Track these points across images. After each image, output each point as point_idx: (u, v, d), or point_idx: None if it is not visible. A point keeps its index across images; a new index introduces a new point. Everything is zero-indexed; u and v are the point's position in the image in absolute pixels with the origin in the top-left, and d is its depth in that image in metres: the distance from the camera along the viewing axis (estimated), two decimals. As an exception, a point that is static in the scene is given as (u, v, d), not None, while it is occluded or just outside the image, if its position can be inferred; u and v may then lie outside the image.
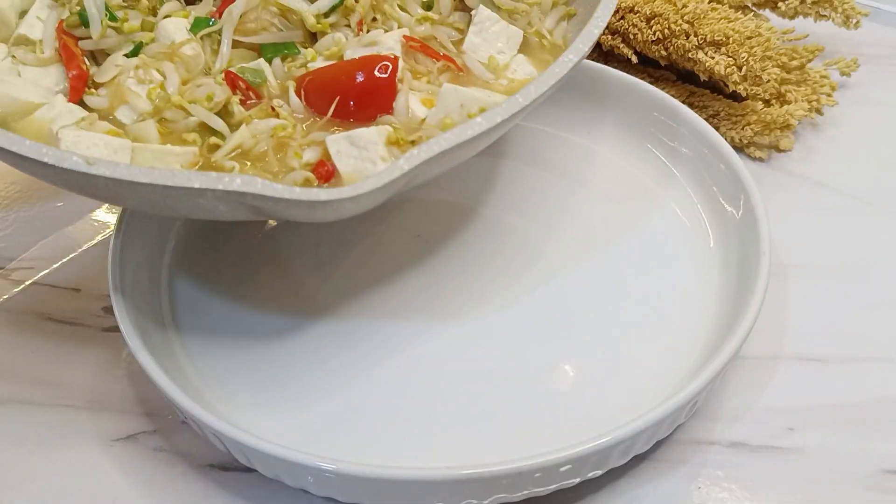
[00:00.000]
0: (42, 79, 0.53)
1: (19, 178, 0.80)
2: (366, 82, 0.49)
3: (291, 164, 0.48)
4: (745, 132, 0.76)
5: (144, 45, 0.54)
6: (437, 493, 0.47)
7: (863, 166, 0.76)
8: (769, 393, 0.58)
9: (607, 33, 0.85)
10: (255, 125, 0.48)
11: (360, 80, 0.49)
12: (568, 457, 0.46)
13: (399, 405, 0.55)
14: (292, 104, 0.51)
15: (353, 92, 0.49)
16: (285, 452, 0.46)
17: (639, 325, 0.59)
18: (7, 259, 0.71)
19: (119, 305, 0.55)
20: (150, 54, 0.53)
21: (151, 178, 0.42)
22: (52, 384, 0.60)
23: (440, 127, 0.49)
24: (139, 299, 0.57)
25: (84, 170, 0.42)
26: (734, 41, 0.75)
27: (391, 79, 0.50)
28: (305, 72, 0.53)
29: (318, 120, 0.50)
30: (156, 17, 0.55)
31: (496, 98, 0.51)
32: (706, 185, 0.67)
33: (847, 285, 0.65)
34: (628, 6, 0.81)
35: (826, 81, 0.81)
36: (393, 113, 0.49)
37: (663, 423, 0.49)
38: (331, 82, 0.50)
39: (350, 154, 0.47)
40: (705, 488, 0.53)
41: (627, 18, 0.81)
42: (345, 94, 0.49)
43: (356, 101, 0.49)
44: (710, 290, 0.60)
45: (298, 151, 0.49)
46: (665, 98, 0.70)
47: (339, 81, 0.50)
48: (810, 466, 0.54)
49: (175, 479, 0.54)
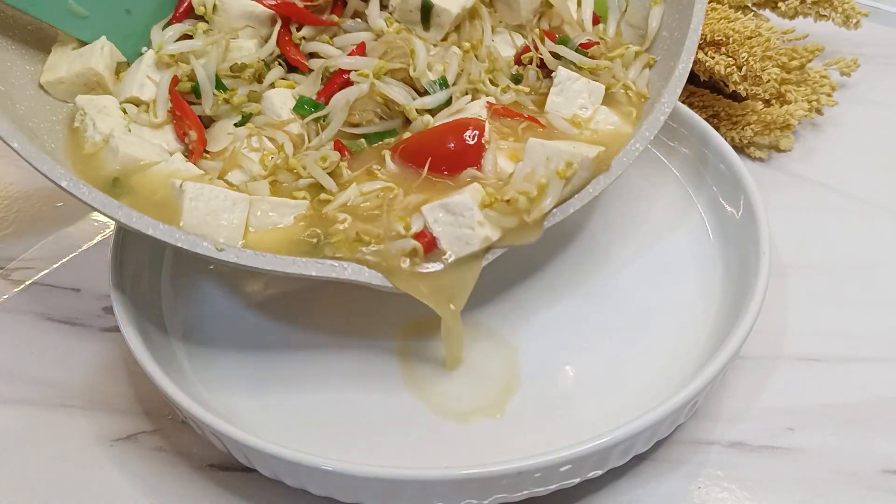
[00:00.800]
0: (154, 137, 0.55)
1: (19, 178, 0.80)
2: (457, 148, 0.53)
3: (396, 227, 0.51)
4: (745, 132, 0.76)
5: (252, 115, 0.56)
6: (437, 493, 0.47)
7: (863, 166, 0.76)
8: (769, 393, 0.58)
9: (607, 33, 0.85)
10: (363, 185, 0.53)
11: (451, 146, 0.53)
12: (568, 457, 0.46)
13: (399, 405, 0.55)
14: (388, 169, 0.54)
15: (445, 155, 0.53)
16: (285, 452, 0.46)
17: (639, 325, 0.59)
18: (7, 259, 0.71)
19: (119, 305, 0.55)
20: (258, 124, 0.56)
21: (273, 265, 0.47)
22: (52, 384, 0.60)
23: (529, 180, 0.51)
24: (139, 299, 0.57)
25: (214, 255, 0.47)
26: (734, 41, 0.75)
27: (479, 143, 0.53)
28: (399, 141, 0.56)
29: (412, 179, 0.54)
30: (261, 83, 0.58)
31: (582, 149, 0.52)
32: (706, 185, 0.67)
33: (847, 285, 0.65)
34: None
35: (826, 81, 0.81)
36: (482, 170, 0.52)
37: (663, 423, 0.49)
38: (424, 148, 0.53)
39: (447, 222, 0.50)
40: (705, 488, 0.53)
41: (627, 18, 0.81)
42: (437, 157, 0.53)
43: (448, 164, 0.53)
44: (711, 290, 0.60)
45: (403, 215, 0.51)
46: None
47: (431, 147, 0.53)
48: (810, 466, 0.54)
49: (175, 479, 0.54)
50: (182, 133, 0.55)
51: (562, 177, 0.50)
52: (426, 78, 0.56)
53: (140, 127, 0.55)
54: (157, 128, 0.55)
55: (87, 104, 0.54)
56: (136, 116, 0.55)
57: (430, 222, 0.50)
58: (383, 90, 0.54)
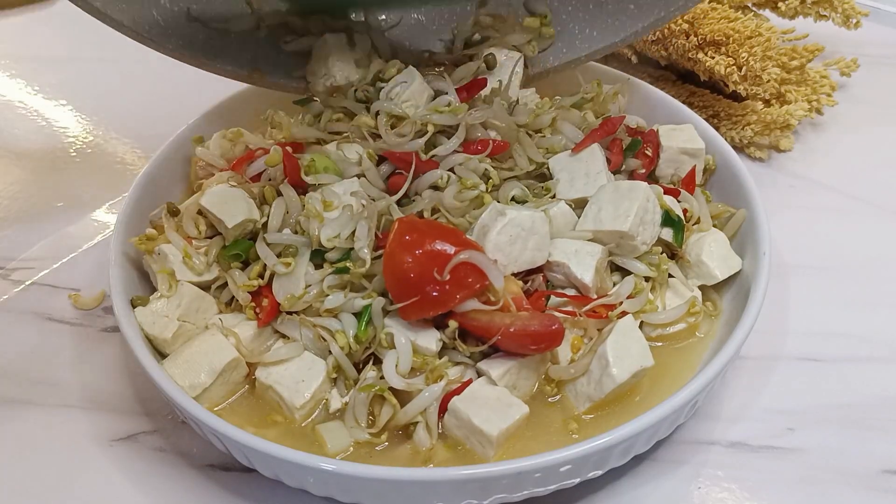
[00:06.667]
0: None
1: (19, 178, 0.80)
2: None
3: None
4: (745, 132, 0.76)
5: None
6: (437, 493, 0.47)
7: (863, 166, 0.76)
8: (769, 393, 0.58)
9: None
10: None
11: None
12: (568, 457, 0.46)
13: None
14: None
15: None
16: (285, 452, 0.47)
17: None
18: (7, 259, 0.71)
19: (119, 305, 0.55)
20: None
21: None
22: (52, 384, 0.60)
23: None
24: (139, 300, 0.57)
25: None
26: (734, 41, 0.75)
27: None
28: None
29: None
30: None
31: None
32: (706, 185, 0.66)
33: (847, 285, 0.65)
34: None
35: (826, 81, 0.81)
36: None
37: (663, 424, 0.49)
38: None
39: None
40: (705, 488, 0.53)
41: (627, 18, 0.81)
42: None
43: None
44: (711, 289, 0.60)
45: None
46: (665, 98, 0.70)
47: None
48: (810, 466, 0.54)
49: (175, 479, 0.54)
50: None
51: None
52: None
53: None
54: None
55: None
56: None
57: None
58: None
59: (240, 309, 0.57)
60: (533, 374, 0.54)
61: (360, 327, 0.53)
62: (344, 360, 0.53)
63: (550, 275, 0.57)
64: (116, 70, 0.94)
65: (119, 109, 0.87)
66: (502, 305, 0.52)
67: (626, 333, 0.53)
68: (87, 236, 0.72)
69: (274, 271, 0.55)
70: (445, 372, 0.52)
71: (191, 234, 0.60)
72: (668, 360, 0.55)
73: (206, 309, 0.57)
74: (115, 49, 0.98)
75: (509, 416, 0.50)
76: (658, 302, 0.57)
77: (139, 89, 0.90)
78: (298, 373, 0.53)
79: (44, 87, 0.92)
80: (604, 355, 0.51)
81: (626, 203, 0.57)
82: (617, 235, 0.57)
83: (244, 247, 0.58)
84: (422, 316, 0.52)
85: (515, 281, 0.55)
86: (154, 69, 0.92)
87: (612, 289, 0.57)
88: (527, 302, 0.54)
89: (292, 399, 0.52)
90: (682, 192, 0.61)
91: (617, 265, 0.58)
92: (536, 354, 0.53)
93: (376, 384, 0.51)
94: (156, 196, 0.63)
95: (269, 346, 0.56)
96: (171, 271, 0.57)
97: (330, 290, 0.54)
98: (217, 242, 0.59)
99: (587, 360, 0.53)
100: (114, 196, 0.76)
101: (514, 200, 0.59)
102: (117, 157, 0.82)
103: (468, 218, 0.57)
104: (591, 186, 0.59)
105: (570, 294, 0.56)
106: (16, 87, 0.92)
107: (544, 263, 0.56)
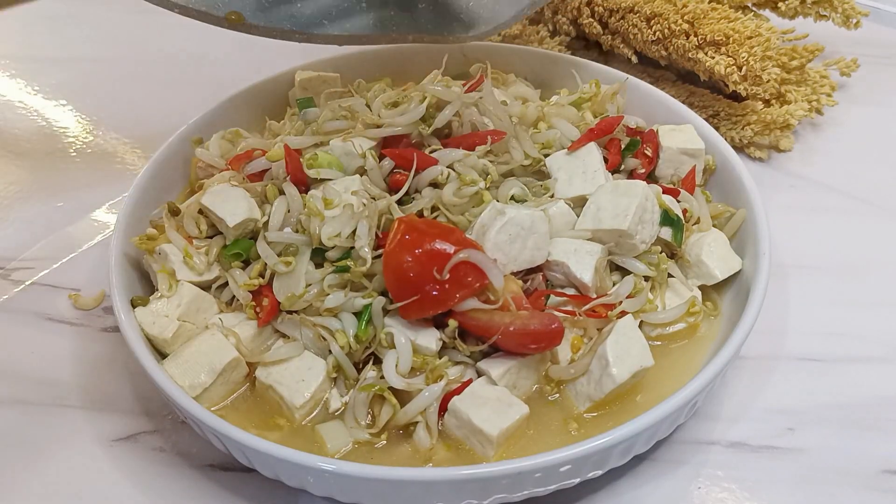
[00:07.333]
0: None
1: (19, 178, 0.80)
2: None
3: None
4: (745, 132, 0.76)
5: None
6: (436, 492, 0.46)
7: (863, 166, 0.76)
8: (769, 393, 0.58)
9: (607, 33, 0.85)
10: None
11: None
12: (568, 457, 0.46)
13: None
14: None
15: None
16: (285, 452, 0.47)
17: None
18: (7, 259, 0.71)
19: (119, 305, 0.55)
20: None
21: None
22: (52, 384, 0.60)
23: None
24: (139, 300, 0.57)
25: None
26: (734, 41, 0.75)
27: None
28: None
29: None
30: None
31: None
32: (706, 185, 0.66)
33: (847, 285, 0.65)
34: (628, 6, 0.81)
35: (826, 81, 0.81)
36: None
37: (663, 423, 0.49)
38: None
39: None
40: (705, 488, 0.53)
41: (627, 18, 0.81)
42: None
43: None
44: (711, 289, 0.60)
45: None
46: (665, 98, 0.70)
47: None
48: (810, 466, 0.54)
49: (175, 479, 0.54)
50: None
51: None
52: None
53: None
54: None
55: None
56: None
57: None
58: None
59: (240, 308, 0.57)
60: (533, 374, 0.53)
61: (360, 327, 0.53)
62: (344, 360, 0.53)
63: (550, 274, 0.57)
64: (116, 70, 0.94)
65: (119, 109, 0.87)
66: (502, 305, 0.51)
67: (625, 333, 0.53)
68: (87, 236, 0.72)
69: (274, 270, 0.55)
70: (445, 372, 0.52)
71: (191, 234, 0.59)
72: (668, 360, 0.55)
73: (206, 309, 0.57)
74: (115, 49, 0.99)
75: (509, 415, 0.50)
76: (658, 302, 0.57)
77: (139, 89, 0.90)
78: (298, 372, 0.53)
79: (44, 87, 0.92)
80: (604, 355, 0.51)
81: (625, 202, 0.57)
82: (616, 234, 0.57)
83: (245, 246, 0.58)
84: (422, 315, 0.52)
85: (515, 280, 0.55)
86: (154, 69, 0.92)
87: (612, 288, 0.57)
88: (526, 301, 0.53)
89: (292, 398, 0.52)
90: (682, 192, 0.61)
91: (616, 265, 0.58)
92: (536, 354, 0.53)
93: (376, 384, 0.51)
94: (156, 196, 0.64)
95: (270, 345, 0.56)
96: (172, 271, 0.57)
97: (330, 289, 0.54)
98: (218, 242, 0.59)
99: (587, 360, 0.53)
100: (114, 196, 0.76)
101: (514, 199, 0.59)
102: (117, 157, 0.82)
103: (468, 216, 0.57)
104: (589, 184, 0.59)
105: (569, 293, 0.56)
106: (16, 87, 0.92)
107: (544, 263, 0.56)
